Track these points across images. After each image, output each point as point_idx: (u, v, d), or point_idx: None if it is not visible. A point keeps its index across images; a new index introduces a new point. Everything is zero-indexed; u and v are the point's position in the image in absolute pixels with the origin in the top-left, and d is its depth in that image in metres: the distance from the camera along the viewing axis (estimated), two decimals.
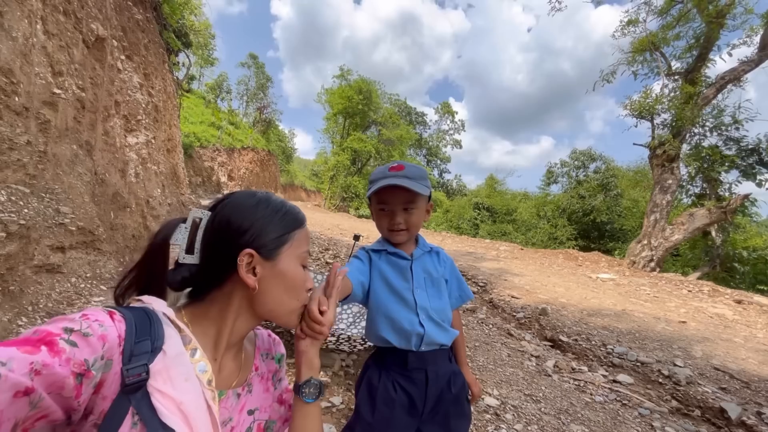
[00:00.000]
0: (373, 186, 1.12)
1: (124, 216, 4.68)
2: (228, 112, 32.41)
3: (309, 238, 0.76)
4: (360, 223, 15.05)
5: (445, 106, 39.14)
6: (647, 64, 11.80)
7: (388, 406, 1.12)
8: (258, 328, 0.86)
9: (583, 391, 2.87)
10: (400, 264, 1.19)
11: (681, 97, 10.30)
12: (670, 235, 9.87)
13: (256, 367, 0.78)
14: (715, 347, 3.87)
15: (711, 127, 11.15)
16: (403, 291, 1.16)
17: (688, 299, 6.33)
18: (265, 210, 0.71)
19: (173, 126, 8.77)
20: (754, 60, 10.01)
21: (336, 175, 24.75)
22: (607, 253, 14.00)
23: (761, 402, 2.85)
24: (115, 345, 0.53)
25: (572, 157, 21.35)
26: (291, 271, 0.70)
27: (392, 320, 1.14)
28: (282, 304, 0.70)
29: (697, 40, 10.75)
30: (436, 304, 1.18)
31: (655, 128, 10.92)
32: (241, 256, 0.66)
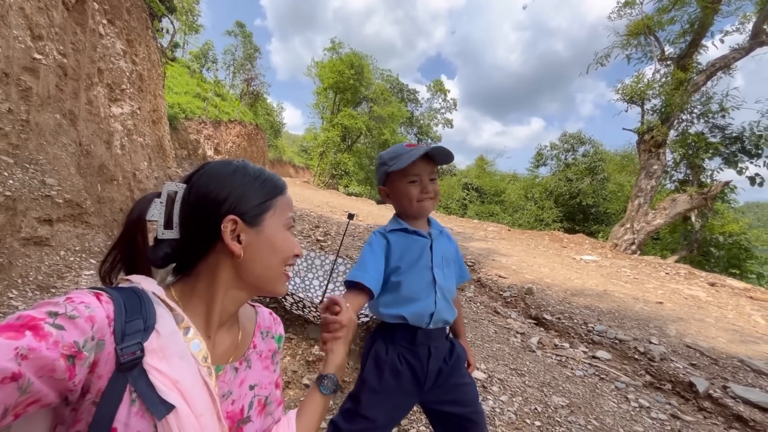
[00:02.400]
0: (398, 161, 1.16)
1: (111, 189, 4.58)
2: (214, 82, 31.31)
3: (292, 205, 0.76)
4: (350, 201, 15.02)
5: (438, 84, 38.55)
6: (641, 48, 11.79)
7: (395, 377, 1.17)
8: (259, 306, 0.87)
9: (564, 366, 3.02)
10: (420, 242, 1.22)
11: (672, 83, 10.37)
12: (652, 219, 10.16)
13: (254, 345, 0.79)
14: (689, 326, 4.09)
15: (698, 114, 11.31)
16: (423, 270, 1.20)
17: (666, 281, 6.60)
18: (244, 177, 0.69)
19: (158, 96, 8.47)
20: (745, 48, 10.09)
21: (326, 152, 24.42)
22: (592, 235, 14.35)
23: (727, 377, 3.05)
24: (105, 325, 0.53)
25: (562, 140, 21.48)
26: (277, 236, 0.70)
27: (410, 299, 1.17)
28: (270, 268, 0.70)
29: (691, 25, 10.74)
30: (449, 283, 1.24)
31: (645, 114, 11.03)
32: (224, 223, 0.65)
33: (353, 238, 6.57)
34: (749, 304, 5.53)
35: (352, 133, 24.95)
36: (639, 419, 2.36)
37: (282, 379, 2.23)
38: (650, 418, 2.42)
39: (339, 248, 3.50)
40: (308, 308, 2.69)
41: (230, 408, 0.69)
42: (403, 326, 1.19)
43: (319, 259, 3.71)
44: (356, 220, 8.65)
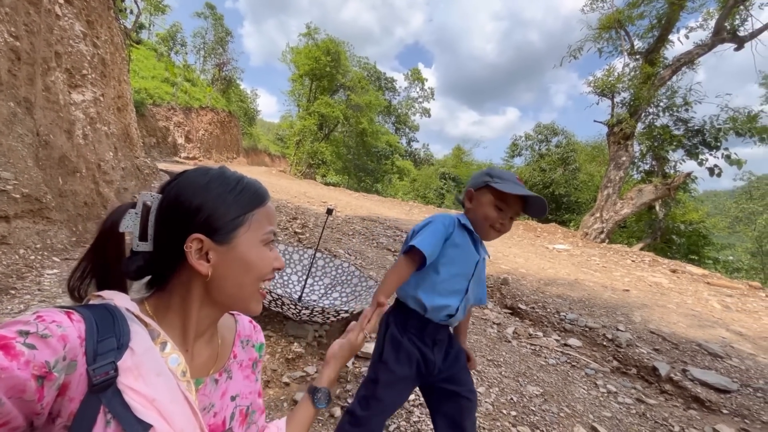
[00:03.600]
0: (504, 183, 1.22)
1: (74, 181, 4.33)
2: (183, 67, 29.97)
3: (274, 216, 0.72)
4: (327, 191, 14.87)
5: (415, 73, 38.38)
6: (612, 42, 12.12)
7: (410, 360, 1.25)
8: (239, 314, 0.85)
9: (538, 355, 3.13)
10: (472, 254, 1.29)
11: (640, 77, 10.74)
12: (620, 209, 10.60)
13: (234, 354, 0.78)
14: (652, 313, 4.32)
15: (664, 107, 11.79)
16: (462, 277, 1.28)
17: (632, 269, 6.93)
18: (218, 189, 0.66)
19: (123, 81, 8.03)
20: (707, 44, 10.54)
21: (302, 141, 23.97)
22: (563, 224, 14.83)
23: (686, 360, 3.25)
24: (77, 345, 0.51)
25: (536, 131, 21.95)
26: (251, 254, 0.66)
27: (439, 293, 1.25)
28: (242, 287, 0.67)
29: (659, 20, 11.10)
30: (473, 299, 1.35)
31: (615, 106, 11.39)
32: (188, 243, 0.62)
33: (331, 230, 6.53)
34: (707, 290, 5.89)
35: (330, 122, 24.57)
36: (607, 404, 2.49)
37: (262, 378, 2.22)
38: (617, 402, 2.55)
39: (318, 242, 3.46)
40: (287, 305, 2.66)
41: (212, 420, 0.69)
42: (417, 315, 1.26)
43: (298, 254, 3.66)
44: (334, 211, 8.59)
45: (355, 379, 2.29)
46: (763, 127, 11.87)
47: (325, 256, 3.72)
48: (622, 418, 2.35)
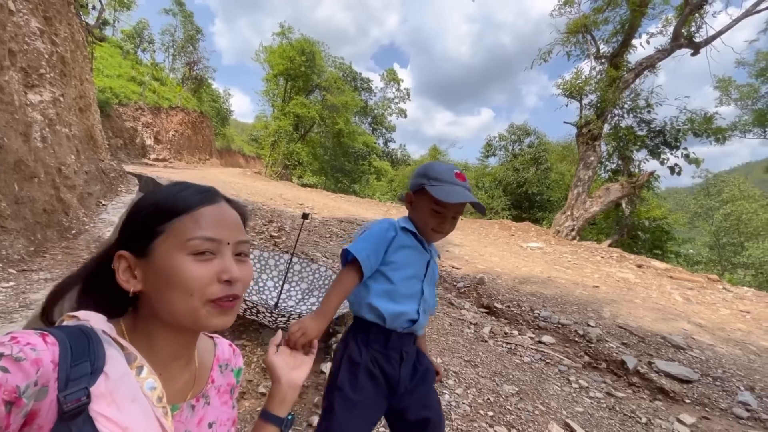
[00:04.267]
0: (440, 187, 1.18)
1: (32, 187, 4.09)
2: (151, 65, 28.87)
3: (213, 222, 0.63)
4: (304, 193, 14.69)
5: (391, 74, 38.50)
6: (579, 46, 12.54)
7: (372, 380, 1.17)
8: (218, 338, 0.83)
9: (513, 354, 3.20)
10: (422, 254, 1.27)
11: (606, 80, 11.17)
12: (590, 207, 10.99)
13: (212, 380, 0.75)
14: (620, 308, 4.50)
15: (628, 109, 12.32)
16: (414, 279, 1.25)
17: (601, 265, 7.21)
18: (147, 200, 0.65)
19: (85, 81, 7.65)
20: (667, 49, 11.09)
21: (278, 141, 23.57)
22: (536, 222, 15.25)
23: (652, 353, 3.40)
24: (49, 370, 0.49)
25: (509, 131, 22.45)
26: (172, 265, 0.59)
27: (394, 300, 1.20)
28: (172, 303, 0.60)
29: (622, 25, 11.58)
30: (431, 302, 1.31)
31: (583, 108, 11.81)
32: (114, 260, 0.62)
33: (308, 233, 6.45)
34: (670, 284, 6.20)
35: (305, 122, 24.28)
36: (579, 400, 2.57)
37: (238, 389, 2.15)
38: (589, 397, 2.64)
39: (294, 247, 3.41)
40: (262, 313, 2.61)
41: None
42: (377, 328, 1.20)
43: (273, 259, 3.60)
44: (312, 213, 8.49)
45: None
46: (718, 127, 12.62)
47: (302, 260, 3.67)
48: (594, 412, 2.43)
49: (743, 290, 6.52)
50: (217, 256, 0.63)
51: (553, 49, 12.49)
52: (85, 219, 4.73)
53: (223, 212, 0.66)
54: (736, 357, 3.48)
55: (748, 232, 27.06)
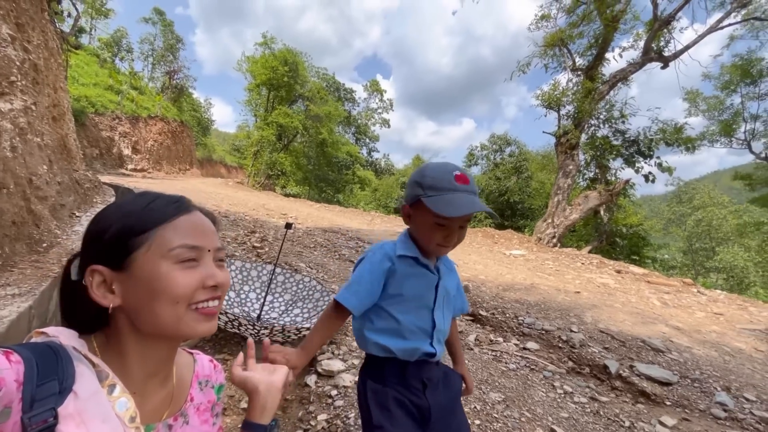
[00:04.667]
0: (438, 197, 1.00)
1: (0, 199, 3.91)
2: (129, 74, 28.32)
3: (192, 230, 0.64)
4: (288, 203, 14.55)
5: (374, 84, 38.90)
6: (556, 59, 12.96)
7: (405, 411, 1.08)
8: (198, 353, 0.80)
9: (499, 361, 3.21)
10: (428, 279, 1.12)
11: (582, 92, 11.56)
12: (570, 214, 11.25)
13: (191, 397, 0.73)
14: (601, 313, 4.59)
15: (604, 119, 12.77)
16: (423, 309, 1.11)
17: (582, 271, 7.35)
18: (120, 211, 0.62)
19: (59, 89, 7.43)
20: (638, 63, 11.58)
21: (260, 151, 23.36)
22: (518, 230, 15.49)
23: (632, 357, 3.47)
24: (13, 390, 0.46)
25: (491, 141, 22.93)
26: (157, 275, 0.59)
27: (403, 337, 1.09)
28: (158, 314, 0.59)
29: (596, 40, 12.06)
30: (447, 325, 1.18)
31: (561, 118, 12.17)
32: (86, 276, 0.60)
33: (292, 243, 6.37)
34: (647, 288, 6.37)
35: (288, 132, 24.17)
36: (564, 405, 2.59)
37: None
38: (573, 403, 2.66)
39: (277, 257, 3.36)
40: (245, 325, 2.54)
41: None
42: (391, 361, 1.10)
43: (256, 270, 3.53)
44: (295, 223, 8.40)
45: (318, 399, 2.22)
46: (687, 137, 13.20)
47: (285, 270, 3.61)
48: (578, 417, 2.45)
49: (716, 293, 6.75)
50: (199, 263, 0.64)
51: (531, 62, 12.88)
52: (57, 231, 4.55)
53: (200, 220, 0.67)
54: (712, 358, 3.58)
55: (718, 237, 28.20)
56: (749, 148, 17.03)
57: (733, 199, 31.73)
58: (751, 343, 4.18)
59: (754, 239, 23.80)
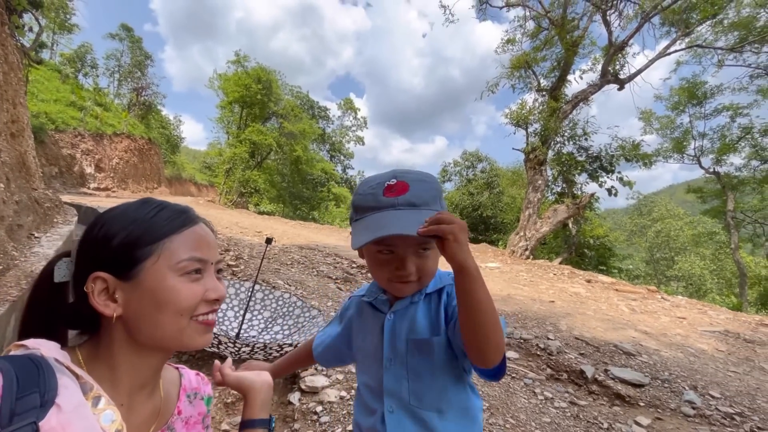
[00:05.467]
0: (363, 221, 0.77)
1: None
2: (94, 90, 27.39)
3: (199, 242, 0.64)
4: (262, 221, 14.29)
5: (348, 103, 39.44)
6: (522, 80, 13.64)
7: None
8: (183, 368, 0.79)
9: None
10: (373, 322, 0.86)
11: (547, 111, 12.18)
12: (540, 227, 11.64)
13: (179, 411, 0.71)
14: (575, 320, 4.74)
15: (568, 137, 13.46)
16: (370, 364, 0.85)
17: (555, 281, 7.59)
18: (127, 218, 0.61)
19: (18, 105, 7.10)
20: (597, 84, 12.36)
21: (233, 169, 22.95)
22: (492, 243, 15.85)
23: (606, 361, 3.59)
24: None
25: (463, 158, 23.58)
26: (164, 286, 0.59)
27: (365, 406, 0.87)
28: (161, 326, 0.59)
29: (558, 63, 12.82)
30: (417, 382, 0.79)
31: (529, 136, 12.72)
32: (88, 283, 0.58)
33: (269, 261, 6.24)
34: (616, 296, 6.65)
35: (262, 150, 23.94)
36: (546, 411, 2.64)
37: None
38: (554, 408, 2.72)
39: (256, 274, 3.30)
40: (224, 344, 2.46)
41: None
42: None
43: (233, 288, 3.44)
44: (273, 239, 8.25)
45: (303, 416, 2.17)
46: (644, 153, 14.09)
47: (263, 288, 3.54)
48: (560, 421, 2.50)
49: (678, 299, 7.13)
50: (203, 276, 0.64)
51: (499, 82, 13.49)
52: (14, 253, 4.27)
53: (206, 232, 0.67)
54: (679, 359, 3.77)
55: (676, 247, 29.88)
56: (699, 163, 18.37)
57: (687, 211, 33.85)
58: (712, 344, 4.43)
59: (708, 248, 25.41)
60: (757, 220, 17.47)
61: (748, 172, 17.04)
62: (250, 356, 2.49)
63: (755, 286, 17.71)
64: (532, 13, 12.80)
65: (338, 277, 5.83)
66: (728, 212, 16.71)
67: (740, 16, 12.94)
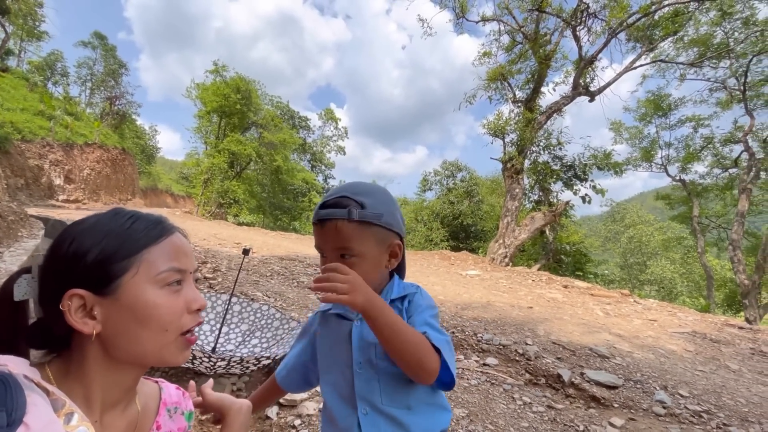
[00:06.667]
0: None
1: None
2: (64, 98, 26.51)
3: (178, 251, 0.63)
4: (241, 232, 14.03)
5: (329, 113, 39.47)
6: (498, 91, 14.06)
7: None
8: (163, 382, 0.77)
9: (461, 378, 3.27)
10: (340, 330, 0.88)
11: (523, 121, 12.56)
12: (519, 234, 11.90)
13: (158, 425, 0.70)
14: (552, 325, 4.84)
15: (543, 146, 13.89)
16: (339, 371, 0.86)
17: (533, 287, 7.74)
18: (101, 231, 0.59)
19: None
20: (569, 96, 12.85)
21: (211, 179, 22.53)
22: (473, 251, 16.05)
23: (582, 364, 3.68)
24: None
25: (443, 167, 23.91)
26: (145, 301, 0.57)
27: (331, 418, 0.86)
28: (142, 342, 0.58)
29: (532, 75, 13.29)
30: (388, 384, 0.82)
31: (506, 146, 13.06)
32: (64, 300, 0.56)
33: (248, 272, 6.13)
34: (591, 300, 6.83)
35: (241, 160, 23.63)
36: (524, 415, 2.68)
37: None
38: (532, 412, 2.76)
39: (233, 286, 3.24)
40: (198, 359, 2.40)
41: None
42: None
43: (210, 300, 3.36)
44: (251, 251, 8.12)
45: (280, 430, 2.13)
46: (615, 162, 14.66)
47: (241, 300, 3.47)
48: (538, 426, 2.54)
49: (650, 302, 7.39)
50: (182, 286, 0.63)
51: (476, 94, 13.85)
52: None
53: (182, 241, 0.66)
54: (650, 360, 3.90)
55: (648, 252, 31.01)
56: (666, 171, 19.26)
57: (657, 217, 35.25)
58: (681, 345, 4.61)
59: (677, 253, 26.48)
60: (721, 225, 18.37)
61: (711, 179, 17.97)
62: (226, 371, 2.43)
63: (721, 288, 18.54)
64: (507, 28, 13.27)
65: None
66: (694, 218, 17.51)
67: (699, 33, 13.79)
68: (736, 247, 13.93)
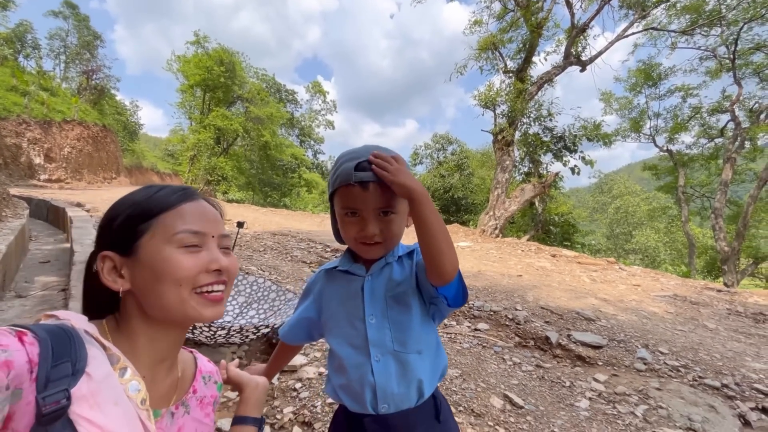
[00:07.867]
0: (335, 176, 0.85)
1: None
2: (38, 73, 25.28)
3: (194, 215, 0.66)
4: (231, 208, 13.91)
5: (316, 86, 38.45)
6: (489, 62, 13.80)
7: None
8: (197, 353, 0.82)
9: (454, 342, 3.40)
10: (350, 286, 0.92)
11: (514, 92, 12.42)
12: (509, 206, 12.03)
13: (194, 390, 0.75)
14: (541, 292, 5.00)
15: (534, 118, 13.83)
16: (353, 324, 0.90)
17: (522, 257, 7.92)
18: (128, 201, 0.66)
19: None
20: (560, 66, 12.69)
21: (197, 156, 22.06)
22: (464, 224, 16.24)
23: (569, 327, 3.84)
24: (24, 371, 0.46)
25: (434, 140, 23.76)
26: (159, 259, 0.61)
27: (342, 367, 0.90)
28: (163, 297, 0.62)
29: (524, 44, 13.02)
30: (399, 331, 0.87)
31: (497, 117, 12.97)
32: (98, 262, 0.63)
33: (240, 248, 6.15)
34: (579, 268, 7.04)
35: (228, 135, 23.10)
36: (514, 374, 2.82)
37: None
38: (522, 371, 2.91)
39: None
40: (198, 328, 2.44)
41: None
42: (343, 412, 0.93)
43: None
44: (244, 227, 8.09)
45: (282, 393, 2.21)
46: (605, 133, 14.72)
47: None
48: (527, 383, 2.68)
49: (634, 269, 7.65)
50: (203, 248, 0.66)
51: (467, 64, 13.57)
52: None
53: (204, 207, 0.69)
54: (633, 322, 4.09)
55: (634, 222, 31.77)
56: (654, 142, 19.44)
57: (644, 188, 35.91)
58: (663, 307, 4.82)
59: (662, 222, 27.18)
60: (705, 194, 18.80)
61: (697, 149, 18.22)
62: (226, 340, 2.49)
63: (702, 255, 19.20)
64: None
65: (312, 261, 5.83)
66: (679, 187, 17.87)
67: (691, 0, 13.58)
68: (718, 215, 14.33)
